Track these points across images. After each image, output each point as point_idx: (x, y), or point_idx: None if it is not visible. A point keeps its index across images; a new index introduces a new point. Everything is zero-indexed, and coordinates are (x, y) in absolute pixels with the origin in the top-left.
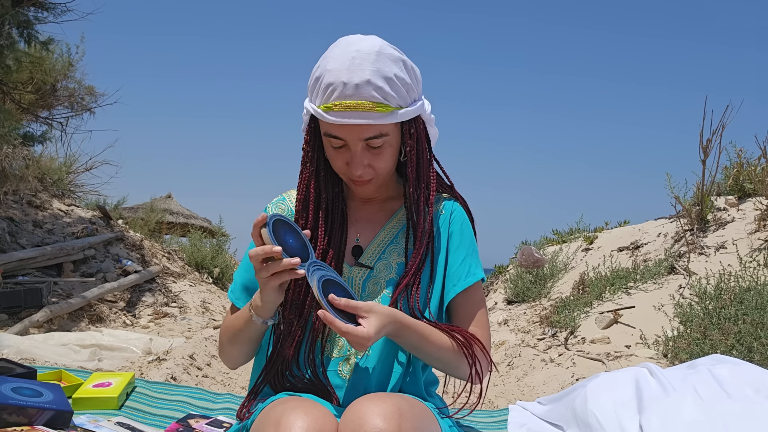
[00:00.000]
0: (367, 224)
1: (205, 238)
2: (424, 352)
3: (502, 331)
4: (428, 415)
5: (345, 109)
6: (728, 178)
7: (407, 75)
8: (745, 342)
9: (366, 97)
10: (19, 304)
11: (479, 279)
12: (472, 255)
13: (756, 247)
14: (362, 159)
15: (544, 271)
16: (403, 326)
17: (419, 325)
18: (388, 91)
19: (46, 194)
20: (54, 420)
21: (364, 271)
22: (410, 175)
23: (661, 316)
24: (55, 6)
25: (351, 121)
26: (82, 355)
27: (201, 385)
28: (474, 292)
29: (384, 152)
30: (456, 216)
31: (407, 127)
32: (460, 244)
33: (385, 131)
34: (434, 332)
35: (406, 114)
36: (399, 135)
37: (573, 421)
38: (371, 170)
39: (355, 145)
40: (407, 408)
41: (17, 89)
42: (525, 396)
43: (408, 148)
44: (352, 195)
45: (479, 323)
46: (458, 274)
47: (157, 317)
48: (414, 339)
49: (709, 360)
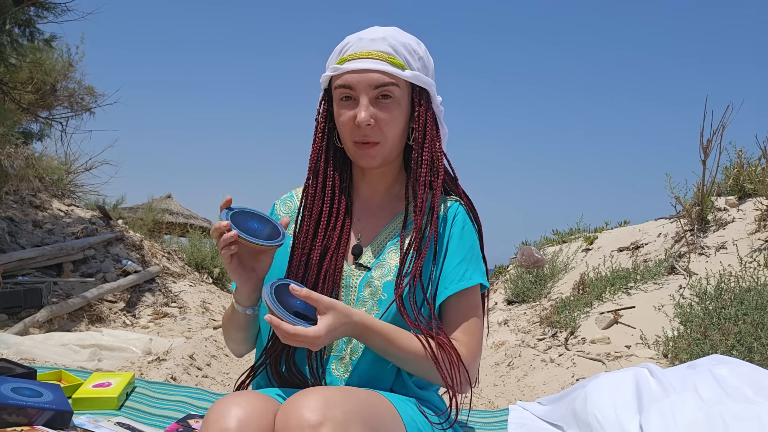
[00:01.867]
0: (369, 224)
1: (204, 238)
2: (391, 355)
3: (502, 331)
4: (377, 407)
5: (359, 57)
6: (728, 178)
7: (422, 51)
8: (746, 342)
9: (380, 48)
10: (19, 304)
11: (475, 284)
12: (471, 260)
13: (756, 247)
14: (370, 108)
15: (544, 272)
16: (365, 328)
17: (386, 328)
18: (401, 51)
19: (46, 194)
20: (54, 420)
21: (362, 272)
22: (416, 140)
23: (661, 316)
24: (55, 6)
25: (363, 65)
26: (82, 355)
27: (201, 385)
28: (466, 297)
29: (391, 109)
30: (458, 218)
31: (417, 95)
32: (458, 247)
33: (396, 84)
34: (403, 337)
35: (418, 78)
36: (408, 101)
37: (573, 422)
38: (378, 129)
39: (366, 92)
40: (337, 397)
41: (17, 89)
42: (525, 396)
43: (416, 114)
44: (358, 194)
45: (466, 330)
46: (451, 277)
47: (157, 317)
48: (378, 342)
49: (710, 360)
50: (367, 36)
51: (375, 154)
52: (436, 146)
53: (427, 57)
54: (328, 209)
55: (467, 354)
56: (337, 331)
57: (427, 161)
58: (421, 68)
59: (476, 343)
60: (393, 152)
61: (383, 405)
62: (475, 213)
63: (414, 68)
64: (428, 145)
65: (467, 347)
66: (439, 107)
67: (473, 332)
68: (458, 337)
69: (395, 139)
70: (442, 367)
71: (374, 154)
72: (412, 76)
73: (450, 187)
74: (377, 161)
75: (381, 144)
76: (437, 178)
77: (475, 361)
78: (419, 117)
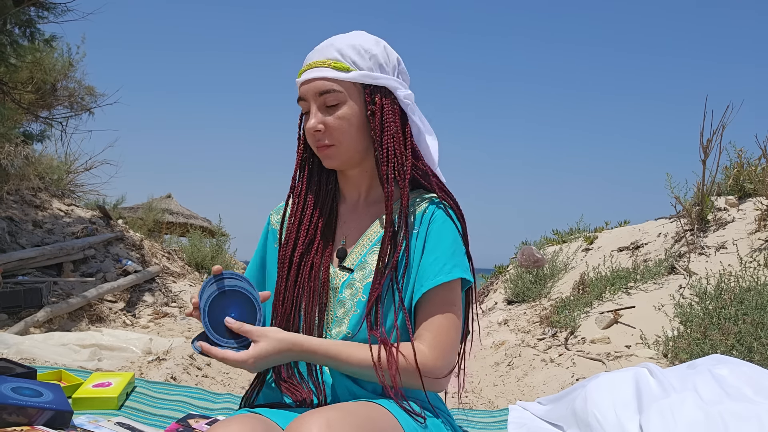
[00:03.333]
0: (354, 227)
1: (204, 238)
2: (344, 371)
3: (502, 331)
4: (379, 420)
5: (306, 68)
6: (728, 178)
7: (376, 49)
8: (746, 342)
9: (326, 56)
10: (19, 304)
11: (452, 279)
12: (451, 255)
13: (756, 247)
14: (318, 115)
15: (544, 271)
16: (303, 351)
17: (333, 348)
18: (348, 54)
19: (46, 194)
20: (54, 420)
21: (346, 274)
22: (374, 138)
23: (661, 316)
24: (55, 6)
25: (308, 75)
26: (82, 355)
27: (201, 385)
28: (439, 294)
29: (339, 112)
30: (436, 216)
31: (370, 92)
32: (435, 244)
33: (339, 88)
34: (349, 351)
35: (365, 77)
36: (361, 101)
37: (573, 421)
38: (329, 133)
39: (314, 101)
40: (339, 419)
41: (17, 89)
42: (525, 396)
43: (368, 113)
44: (343, 198)
45: (433, 327)
46: (427, 274)
47: (157, 317)
48: (324, 362)
49: (709, 360)
50: (319, 46)
51: (331, 154)
52: (398, 141)
53: (385, 53)
54: (309, 214)
55: (429, 353)
56: (270, 358)
57: (388, 157)
58: (374, 66)
59: (442, 340)
60: (355, 152)
61: (385, 419)
62: (456, 209)
63: (362, 68)
64: (388, 140)
65: (430, 345)
66: (404, 101)
67: (441, 329)
68: (422, 335)
69: (351, 139)
70: (379, 374)
71: (331, 155)
72: (358, 75)
73: (426, 183)
74: (336, 162)
75: (336, 146)
76: (403, 174)
77: (441, 358)
78: (373, 115)
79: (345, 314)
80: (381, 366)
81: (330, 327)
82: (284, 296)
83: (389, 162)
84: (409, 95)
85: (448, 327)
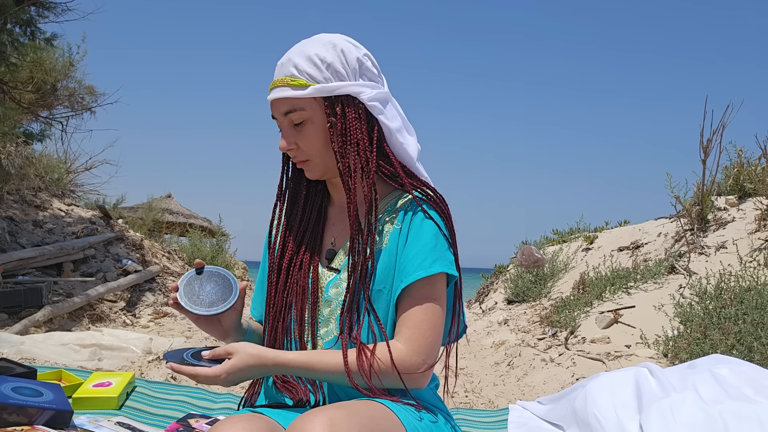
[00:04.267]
0: (342, 229)
1: (205, 238)
2: (322, 379)
3: (502, 331)
4: (381, 419)
5: (271, 88)
6: (728, 177)
7: (332, 56)
8: (746, 342)
9: (285, 73)
10: (19, 304)
11: (432, 274)
12: (431, 250)
13: (756, 246)
14: (288, 135)
15: (544, 271)
16: (277, 365)
17: (302, 359)
18: (303, 68)
19: (46, 194)
20: (54, 420)
21: (333, 274)
22: (335, 150)
23: (661, 315)
24: (55, 5)
25: (272, 95)
26: (82, 354)
27: (201, 385)
28: (419, 288)
29: (305, 129)
30: (417, 211)
31: (330, 104)
32: (415, 239)
33: (300, 105)
34: (323, 359)
35: (321, 90)
36: (323, 114)
37: (573, 421)
38: (301, 150)
39: (281, 122)
40: (341, 418)
41: (17, 88)
42: (525, 396)
43: (328, 125)
44: (332, 201)
45: (410, 323)
46: (407, 270)
47: (157, 317)
48: (300, 373)
49: (710, 360)
50: (280, 61)
51: (310, 168)
52: (363, 148)
53: (341, 59)
54: (299, 219)
55: (405, 348)
56: (242, 372)
57: (350, 168)
58: (332, 75)
59: (419, 335)
60: (330, 163)
61: (387, 417)
62: (439, 203)
63: (319, 80)
64: (350, 150)
65: (407, 341)
66: (369, 103)
67: (418, 324)
68: (400, 331)
69: (322, 153)
70: (351, 378)
71: (310, 169)
72: (314, 90)
73: (395, 184)
74: (316, 173)
75: (311, 161)
76: (368, 179)
77: (417, 354)
78: (333, 126)
79: (330, 314)
80: (351, 369)
81: (318, 327)
82: (275, 299)
83: (353, 172)
84: (376, 96)
85: (426, 322)
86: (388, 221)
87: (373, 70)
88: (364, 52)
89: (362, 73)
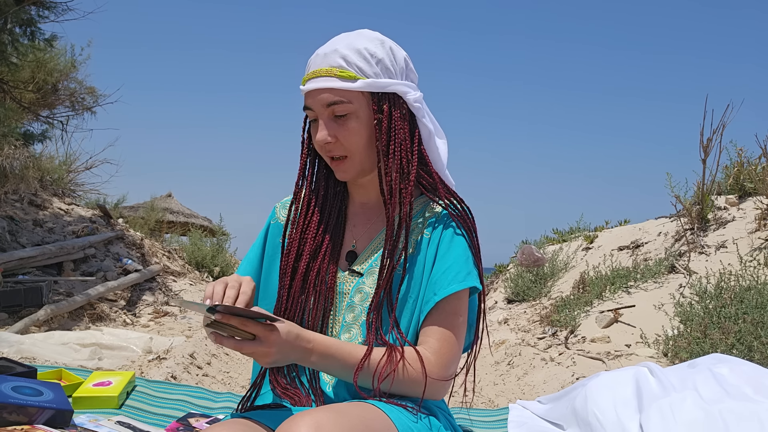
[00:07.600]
0: (364, 230)
1: (205, 237)
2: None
3: (503, 330)
4: (371, 420)
5: (312, 77)
6: (729, 177)
7: (382, 52)
8: (746, 341)
9: (330, 63)
10: (20, 303)
11: (461, 289)
12: (465, 263)
13: (756, 246)
14: (328, 127)
15: (544, 271)
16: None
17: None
18: (353, 60)
19: (47, 193)
20: (54, 419)
21: (355, 278)
22: (379, 148)
23: (661, 315)
24: (56, 5)
25: (314, 85)
26: (83, 354)
27: (201, 384)
28: (449, 302)
29: (349, 123)
30: (450, 223)
31: (377, 100)
32: (448, 251)
33: (347, 98)
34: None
35: (372, 85)
36: (369, 110)
37: (573, 420)
38: (340, 144)
39: (321, 113)
40: (329, 420)
41: (18, 88)
42: (525, 395)
43: (375, 122)
44: (353, 200)
45: (439, 335)
46: (441, 283)
47: (158, 316)
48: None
49: (710, 359)
50: (323, 51)
51: (346, 168)
52: (405, 149)
53: (390, 56)
54: (317, 220)
55: (435, 360)
56: (289, 336)
57: (393, 168)
58: (381, 72)
59: (447, 350)
60: (367, 162)
61: (377, 418)
62: (466, 219)
63: (369, 75)
64: (395, 149)
65: (435, 353)
66: (414, 105)
67: (446, 338)
68: (427, 342)
69: (362, 150)
70: (358, 376)
71: (345, 169)
72: (365, 84)
73: (432, 196)
74: (350, 175)
75: (349, 158)
76: (407, 183)
77: (444, 367)
78: (380, 124)
79: (354, 320)
80: (368, 367)
81: (338, 332)
82: (287, 303)
83: (394, 173)
84: (419, 97)
85: (453, 337)
86: (415, 228)
87: (414, 72)
88: (405, 53)
89: (407, 73)
